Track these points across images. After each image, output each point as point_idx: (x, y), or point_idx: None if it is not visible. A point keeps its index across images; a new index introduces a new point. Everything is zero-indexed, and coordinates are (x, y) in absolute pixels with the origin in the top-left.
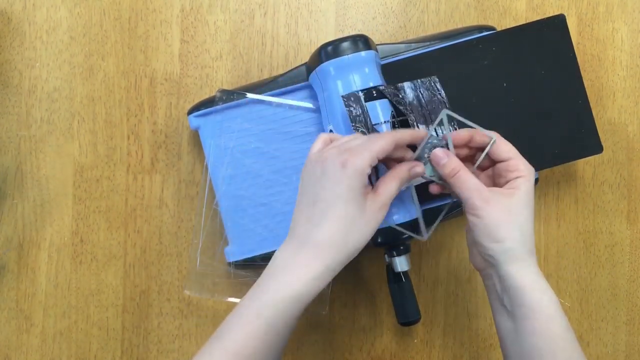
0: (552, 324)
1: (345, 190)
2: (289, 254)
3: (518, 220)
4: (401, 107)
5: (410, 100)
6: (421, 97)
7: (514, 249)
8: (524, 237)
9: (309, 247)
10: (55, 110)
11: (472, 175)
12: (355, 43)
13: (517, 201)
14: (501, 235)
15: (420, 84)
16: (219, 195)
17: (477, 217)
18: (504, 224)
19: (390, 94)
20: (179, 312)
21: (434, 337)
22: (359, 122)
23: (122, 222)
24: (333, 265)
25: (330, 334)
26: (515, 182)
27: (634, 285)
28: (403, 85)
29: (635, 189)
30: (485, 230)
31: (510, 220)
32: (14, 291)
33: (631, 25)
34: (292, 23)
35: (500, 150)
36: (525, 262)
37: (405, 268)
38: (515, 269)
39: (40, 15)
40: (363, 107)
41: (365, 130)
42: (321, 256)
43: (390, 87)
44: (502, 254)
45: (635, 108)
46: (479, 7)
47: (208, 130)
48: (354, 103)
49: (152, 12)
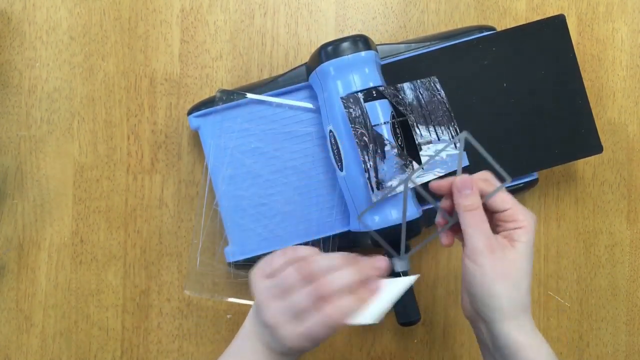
0: None
1: None
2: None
3: (517, 276)
4: (401, 107)
5: (410, 100)
6: (421, 97)
7: (509, 307)
8: (521, 294)
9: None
10: (55, 110)
11: (486, 219)
12: (355, 43)
13: (518, 255)
14: (498, 291)
15: (419, 84)
16: (219, 195)
17: (477, 264)
18: (503, 279)
19: (390, 95)
20: (179, 312)
21: (433, 337)
22: (359, 123)
23: (122, 222)
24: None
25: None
26: (514, 233)
27: (634, 285)
28: (403, 86)
29: (635, 189)
30: (481, 281)
31: (510, 276)
32: (14, 291)
33: (631, 25)
34: (292, 23)
35: (497, 200)
36: (519, 320)
37: (405, 268)
38: (509, 328)
39: (40, 15)
40: (362, 108)
41: (365, 131)
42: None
43: (390, 88)
44: (497, 311)
45: (635, 108)
46: (479, 7)
47: (208, 131)
48: (353, 104)
49: (152, 12)
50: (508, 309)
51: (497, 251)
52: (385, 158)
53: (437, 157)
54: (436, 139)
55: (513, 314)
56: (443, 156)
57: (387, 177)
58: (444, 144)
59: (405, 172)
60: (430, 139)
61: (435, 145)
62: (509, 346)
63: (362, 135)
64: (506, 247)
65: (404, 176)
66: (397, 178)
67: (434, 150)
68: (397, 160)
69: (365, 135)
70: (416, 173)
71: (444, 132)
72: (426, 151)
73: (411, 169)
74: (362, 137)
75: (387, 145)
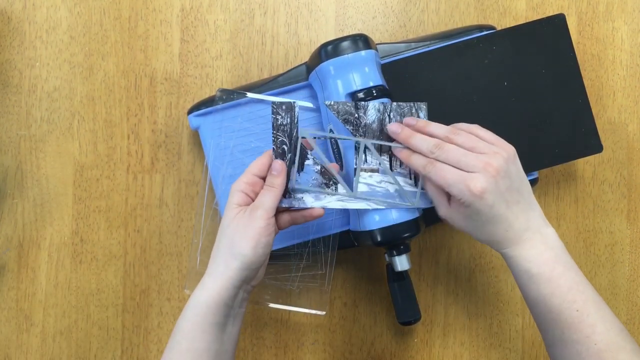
0: (528, 290)
1: (225, 209)
2: None
3: (511, 200)
4: (349, 126)
5: (369, 122)
6: (386, 122)
7: (508, 231)
8: (516, 216)
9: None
10: (55, 109)
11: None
12: (355, 42)
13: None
14: (497, 218)
15: (394, 107)
16: (219, 195)
17: (474, 209)
18: (496, 210)
19: (341, 111)
20: (179, 312)
21: (433, 337)
22: (282, 131)
23: (122, 221)
24: (227, 272)
25: (330, 334)
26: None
27: (634, 284)
28: (367, 104)
29: (635, 189)
30: (482, 221)
31: (503, 204)
32: (14, 291)
33: (631, 25)
34: (292, 22)
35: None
36: (520, 240)
37: (405, 267)
38: (512, 250)
39: (40, 15)
40: (293, 118)
41: (286, 140)
42: (206, 272)
43: (347, 104)
44: (500, 236)
45: (635, 107)
46: (479, 6)
47: (208, 130)
48: (284, 112)
49: (152, 11)
50: (508, 234)
51: (485, 193)
52: (302, 171)
53: (380, 188)
54: (387, 168)
55: (513, 238)
56: (390, 189)
57: (298, 189)
58: (398, 176)
59: (324, 191)
60: (377, 167)
61: (382, 176)
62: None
63: (281, 144)
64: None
65: (321, 195)
66: (311, 194)
67: (376, 181)
68: (316, 177)
69: (286, 144)
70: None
71: (404, 165)
72: (365, 179)
73: (332, 190)
74: (282, 145)
75: (309, 160)
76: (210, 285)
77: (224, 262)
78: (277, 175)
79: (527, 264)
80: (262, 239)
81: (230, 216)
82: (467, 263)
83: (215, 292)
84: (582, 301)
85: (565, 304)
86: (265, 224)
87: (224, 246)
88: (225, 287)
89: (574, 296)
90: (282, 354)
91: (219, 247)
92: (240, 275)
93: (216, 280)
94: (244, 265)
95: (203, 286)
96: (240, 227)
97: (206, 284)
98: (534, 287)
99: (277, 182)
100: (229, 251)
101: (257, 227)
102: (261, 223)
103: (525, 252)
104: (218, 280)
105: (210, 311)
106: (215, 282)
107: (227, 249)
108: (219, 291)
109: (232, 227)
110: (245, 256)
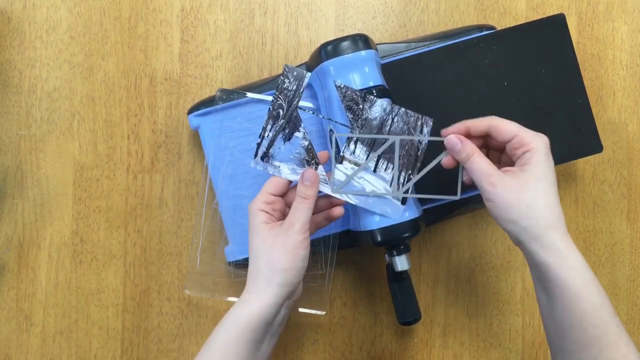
0: (579, 302)
1: (249, 228)
2: None
3: (529, 197)
4: (349, 113)
5: (371, 117)
6: (388, 123)
7: (531, 227)
8: (540, 213)
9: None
10: (55, 109)
11: (484, 159)
12: (355, 42)
13: (527, 177)
14: (514, 217)
15: (401, 113)
16: (218, 194)
17: (489, 201)
18: (515, 205)
19: (348, 97)
20: (179, 312)
21: (434, 337)
22: (284, 95)
23: (122, 221)
24: (269, 289)
25: (330, 334)
26: (524, 157)
27: (634, 284)
28: (374, 100)
29: (635, 188)
30: (499, 214)
31: (521, 199)
32: (14, 291)
33: (631, 25)
34: (292, 22)
35: (503, 132)
36: (544, 238)
37: (405, 267)
38: (537, 247)
39: (40, 15)
40: (299, 87)
41: (285, 105)
42: (245, 289)
43: (356, 93)
44: (521, 234)
45: (635, 107)
46: (479, 6)
47: (208, 130)
48: (293, 77)
49: (152, 11)
50: (531, 229)
51: (498, 183)
52: (289, 141)
53: (357, 183)
54: (371, 169)
55: (538, 234)
56: (366, 187)
57: (278, 157)
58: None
59: (303, 166)
60: (360, 162)
61: (363, 172)
62: (540, 263)
63: (278, 107)
64: (512, 174)
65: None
66: (289, 165)
67: (356, 175)
68: (300, 151)
69: (282, 109)
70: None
71: (389, 171)
72: (345, 169)
73: (311, 167)
74: (279, 108)
75: (300, 133)
76: (254, 302)
77: (265, 280)
78: (311, 186)
79: (583, 267)
80: (300, 252)
81: (262, 235)
82: (467, 263)
83: (257, 308)
84: (616, 315)
85: (610, 318)
86: (303, 237)
87: (262, 265)
88: (268, 305)
89: (613, 310)
90: (282, 354)
91: (257, 268)
92: (282, 291)
93: (259, 297)
94: (285, 280)
95: (245, 302)
96: (277, 244)
97: (248, 301)
98: (587, 296)
99: (310, 192)
100: (269, 269)
101: (296, 242)
102: (299, 237)
103: (578, 252)
104: (261, 298)
105: (250, 327)
106: (258, 299)
107: (266, 267)
108: (261, 308)
109: (268, 246)
110: (286, 271)
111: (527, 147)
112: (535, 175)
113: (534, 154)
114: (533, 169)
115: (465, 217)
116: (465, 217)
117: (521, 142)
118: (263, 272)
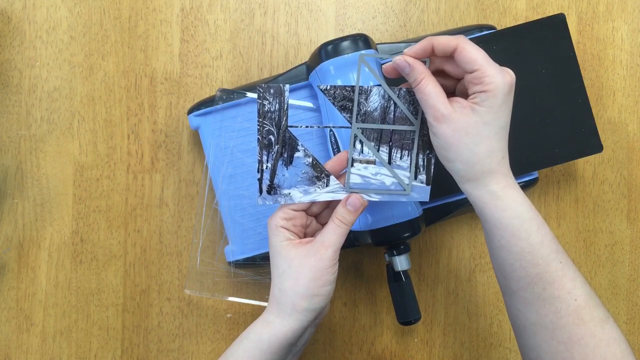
0: (518, 241)
1: (270, 245)
2: None
3: (471, 142)
4: (346, 113)
5: (371, 109)
6: (391, 110)
7: (465, 170)
8: (478, 158)
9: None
10: (55, 109)
11: (435, 87)
12: (355, 42)
13: (474, 120)
14: (451, 156)
15: (403, 94)
16: (219, 194)
17: (433, 134)
18: (455, 145)
19: (338, 97)
20: (179, 312)
21: (434, 337)
22: (269, 119)
23: (122, 221)
24: (295, 314)
25: (330, 334)
26: (478, 96)
27: (634, 284)
28: (369, 89)
29: (635, 188)
30: (439, 149)
31: (463, 142)
32: (14, 290)
33: (631, 25)
34: (292, 22)
35: (465, 59)
36: (478, 181)
37: (405, 267)
38: (470, 188)
39: (40, 15)
40: (283, 104)
41: (274, 129)
42: (268, 310)
43: (345, 88)
44: (456, 174)
45: (636, 107)
46: (479, 6)
47: (208, 130)
48: (272, 96)
49: (152, 11)
50: (464, 172)
51: (445, 120)
52: (291, 164)
53: (375, 181)
54: (385, 161)
55: (471, 177)
56: (386, 182)
57: (285, 184)
58: (397, 169)
59: (315, 185)
60: (373, 159)
61: (378, 168)
62: (475, 203)
63: (268, 134)
64: (461, 111)
65: (310, 189)
66: (299, 188)
67: (371, 173)
68: (307, 170)
69: (273, 135)
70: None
71: (405, 158)
72: (359, 170)
73: (324, 184)
74: (268, 135)
75: (300, 152)
76: (277, 326)
77: (291, 304)
78: (354, 212)
79: (519, 206)
80: (329, 278)
81: (287, 256)
82: (467, 263)
83: (281, 333)
84: (561, 252)
85: (552, 255)
86: (334, 262)
87: (288, 288)
88: (292, 329)
89: (557, 246)
90: None
91: (282, 289)
92: (309, 317)
93: (283, 321)
94: (313, 306)
95: (267, 324)
96: (304, 267)
97: (272, 322)
98: (524, 235)
99: (351, 219)
100: (295, 292)
101: (326, 267)
102: (330, 263)
103: (516, 193)
104: (285, 322)
105: (272, 350)
106: (282, 323)
107: (292, 290)
108: (285, 332)
109: (295, 267)
110: (315, 296)
111: (485, 87)
112: (484, 120)
113: (488, 96)
114: (484, 114)
115: (465, 217)
116: (465, 217)
117: (480, 79)
118: (289, 296)
